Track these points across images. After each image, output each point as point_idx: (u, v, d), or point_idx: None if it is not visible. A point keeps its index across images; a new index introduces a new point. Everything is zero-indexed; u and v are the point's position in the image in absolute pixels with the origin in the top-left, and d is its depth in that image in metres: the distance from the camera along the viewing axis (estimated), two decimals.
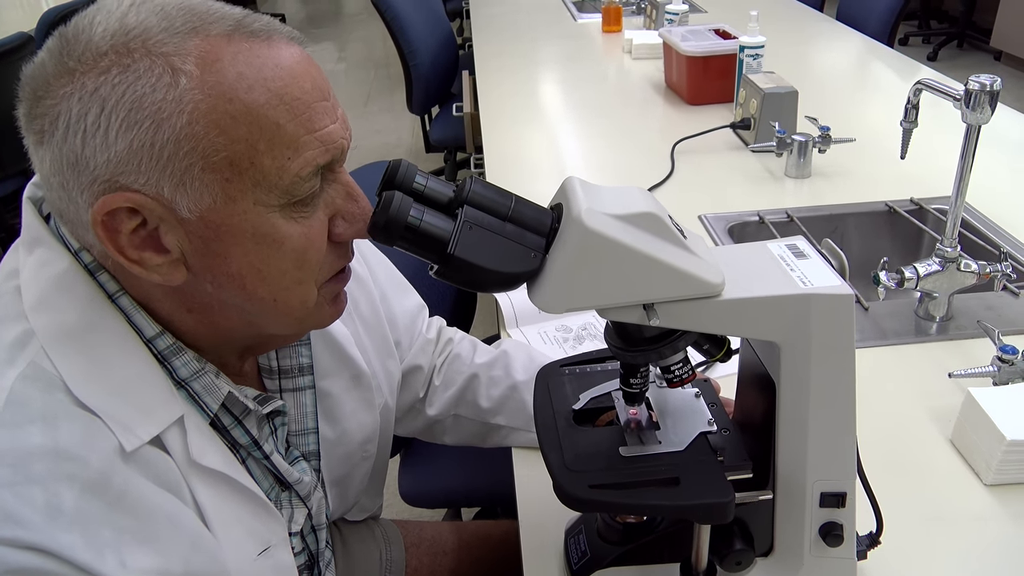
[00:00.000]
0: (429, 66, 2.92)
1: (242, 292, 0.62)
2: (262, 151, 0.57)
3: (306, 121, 0.59)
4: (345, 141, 0.63)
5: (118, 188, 0.56)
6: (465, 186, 0.61)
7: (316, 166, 0.60)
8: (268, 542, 0.71)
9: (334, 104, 0.62)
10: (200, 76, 0.55)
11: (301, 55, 0.61)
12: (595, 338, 1.19)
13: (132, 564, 0.59)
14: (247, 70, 0.57)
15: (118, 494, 0.59)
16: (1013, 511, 0.84)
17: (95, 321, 0.62)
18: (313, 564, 0.86)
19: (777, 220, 1.46)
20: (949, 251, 1.10)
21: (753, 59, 1.87)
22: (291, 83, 0.58)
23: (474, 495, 1.46)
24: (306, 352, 0.80)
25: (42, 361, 0.60)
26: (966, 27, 5.31)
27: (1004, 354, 0.96)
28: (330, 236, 0.64)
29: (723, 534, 0.70)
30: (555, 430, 0.73)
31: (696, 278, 0.60)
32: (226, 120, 0.56)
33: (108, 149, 0.55)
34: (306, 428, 0.81)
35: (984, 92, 1.00)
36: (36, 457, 0.57)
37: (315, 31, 7.11)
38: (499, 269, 0.59)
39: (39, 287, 0.62)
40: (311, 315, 0.67)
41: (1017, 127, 1.81)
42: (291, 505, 0.79)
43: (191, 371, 0.66)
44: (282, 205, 0.60)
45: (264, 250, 0.60)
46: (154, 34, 0.55)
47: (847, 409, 0.66)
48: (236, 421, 0.71)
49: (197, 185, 0.57)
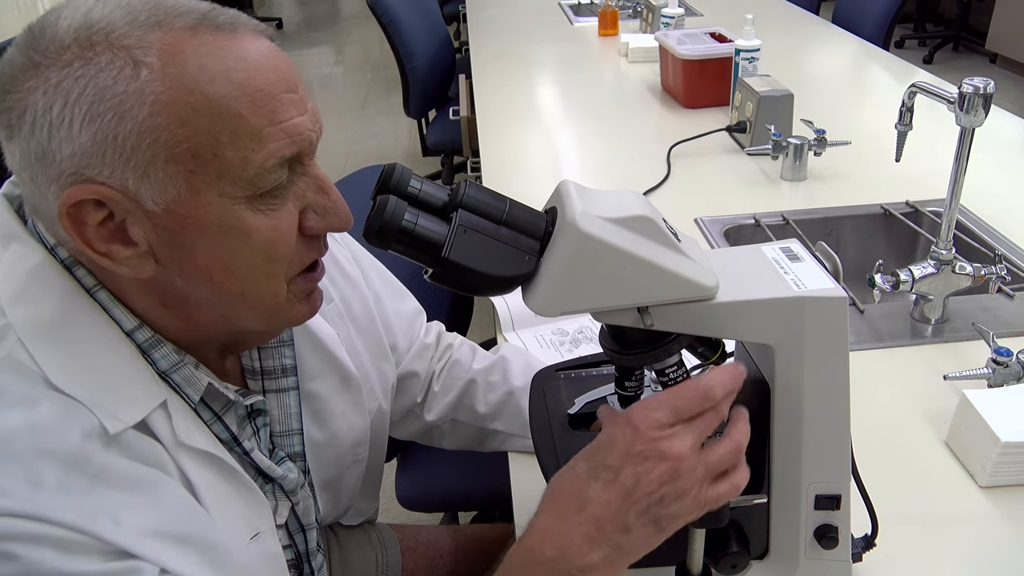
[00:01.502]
0: (426, 69, 2.92)
1: (210, 285, 0.62)
2: (225, 142, 0.57)
3: (270, 112, 0.59)
4: (313, 134, 0.62)
5: (84, 180, 0.57)
6: (459, 190, 0.61)
7: (281, 158, 0.60)
8: (257, 528, 0.71)
9: (303, 97, 0.62)
10: (161, 68, 0.56)
11: (267, 47, 0.61)
12: (591, 341, 1.19)
13: (128, 524, 0.58)
14: (209, 62, 0.57)
15: (99, 469, 0.59)
16: (1008, 513, 0.84)
17: (73, 313, 0.62)
18: (301, 564, 0.86)
19: (773, 223, 1.46)
20: (944, 253, 1.10)
21: (749, 62, 1.87)
22: (254, 75, 0.58)
23: (471, 499, 1.46)
24: (289, 353, 0.80)
25: (19, 354, 0.60)
26: (962, 30, 5.32)
27: (999, 356, 0.96)
28: (302, 230, 0.64)
29: (718, 537, 0.70)
30: (550, 434, 0.73)
31: (690, 281, 0.60)
32: (187, 111, 0.56)
33: (73, 142, 0.56)
34: (290, 429, 0.81)
35: (978, 95, 1.01)
36: (15, 436, 0.57)
37: (312, 34, 7.11)
38: (494, 273, 0.59)
39: (15, 281, 0.62)
40: (281, 310, 0.67)
41: (1012, 130, 1.81)
42: (275, 498, 0.79)
43: (171, 363, 0.66)
44: (248, 197, 0.60)
45: (231, 242, 0.61)
46: (117, 27, 0.56)
47: (842, 411, 0.66)
48: (216, 417, 0.71)
49: (161, 177, 0.57)
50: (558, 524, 0.60)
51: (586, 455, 0.62)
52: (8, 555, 0.54)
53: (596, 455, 0.61)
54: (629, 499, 0.59)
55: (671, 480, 0.59)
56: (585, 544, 0.59)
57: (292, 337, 0.80)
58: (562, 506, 0.61)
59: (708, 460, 0.60)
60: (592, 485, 0.60)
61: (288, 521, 0.82)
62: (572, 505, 0.60)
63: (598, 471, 0.60)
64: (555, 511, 0.61)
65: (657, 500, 0.59)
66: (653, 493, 0.59)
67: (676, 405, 0.59)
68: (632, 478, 0.59)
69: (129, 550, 0.58)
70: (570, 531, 0.59)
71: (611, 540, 0.59)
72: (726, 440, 0.62)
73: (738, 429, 0.63)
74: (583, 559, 0.59)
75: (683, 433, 0.59)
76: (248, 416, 0.75)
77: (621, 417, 0.60)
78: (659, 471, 0.58)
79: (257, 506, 0.72)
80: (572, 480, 0.61)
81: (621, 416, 0.60)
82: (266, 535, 0.72)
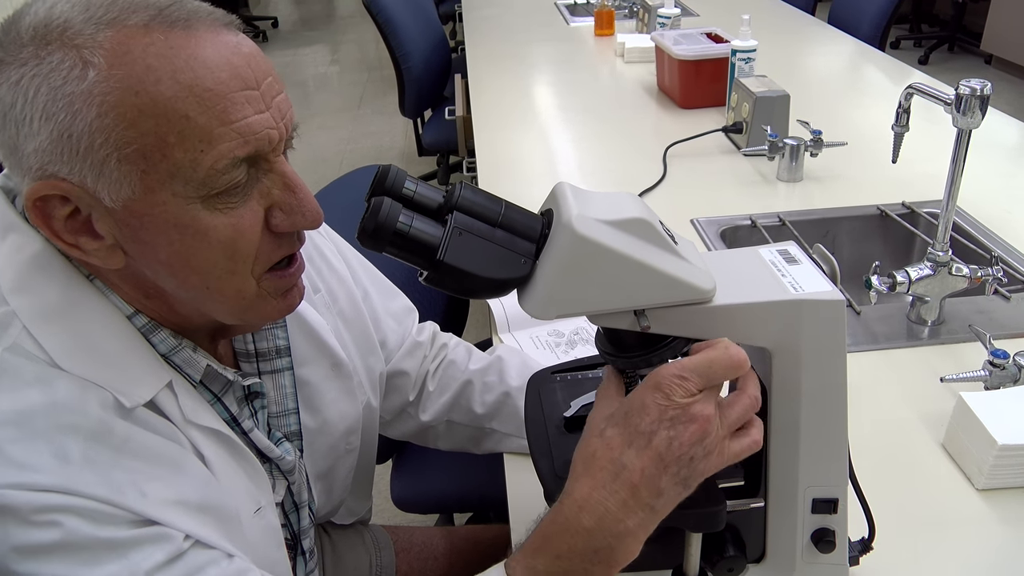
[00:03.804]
0: (422, 69, 2.91)
1: (175, 280, 0.63)
2: (172, 144, 0.57)
3: (220, 113, 0.58)
4: (274, 131, 0.61)
5: (48, 176, 0.58)
6: (455, 192, 0.61)
7: (234, 158, 0.59)
8: (259, 502, 0.73)
9: (266, 92, 0.61)
10: (108, 69, 0.55)
11: (226, 44, 0.60)
12: (587, 343, 1.18)
13: (153, 495, 0.61)
14: (157, 62, 0.56)
15: (122, 440, 0.61)
16: (1005, 515, 0.84)
17: (76, 299, 0.63)
18: (295, 543, 0.87)
19: (769, 224, 1.46)
20: (940, 255, 1.10)
21: (745, 63, 1.87)
22: (204, 74, 0.57)
23: (466, 500, 1.45)
24: (283, 334, 0.81)
25: (24, 341, 0.61)
26: (957, 31, 5.33)
27: (995, 358, 0.96)
28: (268, 227, 0.64)
29: (715, 541, 0.70)
30: (546, 437, 0.73)
31: (687, 284, 0.59)
32: (133, 113, 0.56)
33: (34, 138, 0.57)
34: (286, 409, 0.82)
35: (975, 96, 1.00)
36: (37, 414, 0.58)
37: (308, 33, 7.10)
38: (489, 275, 0.59)
39: (15, 270, 0.63)
40: (252, 306, 0.67)
41: (1008, 131, 1.81)
42: (272, 477, 0.80)
43: (169, 347, 0.67)
44: (203, 197, 0.59)
45: (188, 240, 0.61)
46: (73, 25, 0.56)
47: (839, 414, 0.65)
48: (216, 398, 0.72)
49: (116, 176, 0.57)
50: (595, 492, 0.60)
51: (615, 421, 0.61)
52: (50, 523, 0.57)
53: (628, 421, 0.60)
54: (662, 463, 0.59)
55: (700, 440, 0.59)
56: (621, 511, 0.60)
57: (284, 319, 0.81)
58: (597, 474, 0.60)
59: (728, 416, 0.61)
60: (626, 452, 0.60)
61: (284, 500, 0.83)
62: (608, 472, 0.60)
63: (632, 437, 0.60)
64: (590, 480, 0.61)
65: (687, 461, 0.59)
66: (684, 455, 0.59)
67: (708, 374, 0.60)
68: (665, 442, 0.59)
69: (155, 519, 0.61)
70: (607, 499, 0.60)
71: (646, 505, 0.60)
72: (743, 395, 0.62)
73: (753, 384, 0.63)
74: (619, 526, 0.60)
75: (708, 395, 0.60)
76: (246, 398, 0.76)
77: (649, 382, 0.60)
78: (689, 432, 0.59)
79: (260, 481, 0.74)
80: (604, 447, 0.61)
81: (649, 381, 0.60)
82: (267, 510, 0.74)
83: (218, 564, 0.64)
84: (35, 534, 0.56)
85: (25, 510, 0.56)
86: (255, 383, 0.76)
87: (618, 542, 0.60)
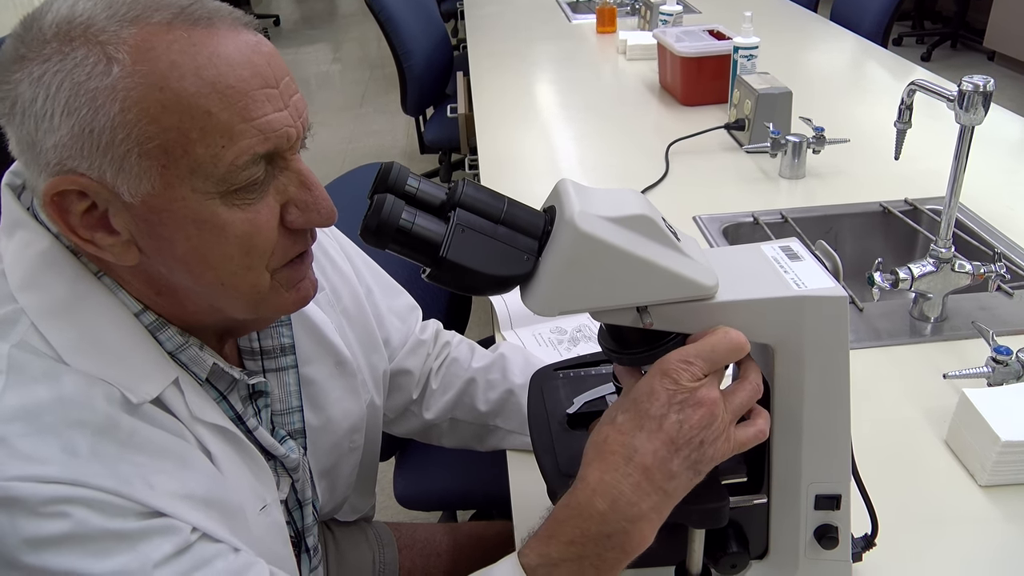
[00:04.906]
0: (423, 67, 2.91)
1: (190, 276, 0.63)
2: (194, 139, 0.57)
3: (242, 109, 0.58)
4: (293, 129, 0.62)
5: (66, 171, 0.58)
6: (457, 189, 0.61)
7: (254, 154, 0.60)
8: (265, 499, 0.74)
9: (284, 92, 0.62)
10: (132, 65, 0.56)
11: (247, 42, 0.60)
12: (590, 340, 1.18)
13: (160, 487, 0.62)
14: (180, 59, 0.57)
15: (128, 435, 0.61)
16: (1008, 512, 0.84)
17: (84, 294, 0.64)
18: (300, 540, 0.87)
19: (771, 221, 1.46)
20: (943, 252, 1.10)
21: (747, 60, 1.87)
22: (227, 71, 0.58)
23: (469, 498, 1.45)
24: (287, 332, 0.81)
25: (32, 338, 0.61)
26: (960, 27, 5.32)
27: (998, 355, 0.96)
28: (283, 223, 0.65)
29: (718, 537, 0.70)
30: (549, 434, 0.73)
31: (689, 280, 0.59)
32: (157, 109, 0.56)
33: (54, 133, 0.57)
34: (290, 407, 0.82)
35: (977, 93, 1.00)
36: (45, 409, 0.59)
37: (310, 32, 7.10)
38: (491, 272, 0.59)
39: (23, 267, 0.63)
40: (266, 300, 0.67)
41: (1011, 127, 1.81)
42: (276, 474, 0.80)
43: (176, 344, 0.68)
44: (222, 192, 0.60)
45: (206, 236, 0.61)
46: (96, 22, 0.56)
47: (842, 411, 0.65)
48: (221, 396, 0.73)
49: (136, 171, 0.58)
50: (607, 476, 0.60)
51: (625, 407, 0.62)
52: (59, 514, 0.57)
53: (637, 406, 0.61)
54: (673, 446, 0.60)
55: (708, 424, 0.60)
56: (635, 494, 0.60)
57: (289, 317, 0.81)
58: (609, 458, 0.61)
59: (732, 403, 0.62)
60: (637, 435, 0.60)
61: (288, 498, 0.83)
62: (620, 456, 0.60)
63: (642, 421, 0.60)
64: (602, 464, 0.61)
65: (697, 444, 0.60)
66: (694, 439, 0.60)
67: (712, 358, 0.61)
68: (675, 426, 0.60)
69: (163, 511, 0.61)
70: (620, 482, 0.60)
71: (659, 488, 0.60)
72: (745, 382, 0.63)
73: (754, 372, 0.64)
74: (633, 509, 0.60)
75: (712, 380, 0.61)
76: (250, 397, 0.77)
77: (656, 369, 0.61)
78: (698, 416, 0.60)
79: (265, 478, 0.74)
80: (615, 432, 0.62)
81: (656, 368, 0.61)
82: (272, 507, 0.75)
83: (225, 557, 0.64)
84: (44, 525, 0.56)
85: (34, 501, 0.56)
86: (260, 382, 0.76)
87: (632, 526, 0.60)
